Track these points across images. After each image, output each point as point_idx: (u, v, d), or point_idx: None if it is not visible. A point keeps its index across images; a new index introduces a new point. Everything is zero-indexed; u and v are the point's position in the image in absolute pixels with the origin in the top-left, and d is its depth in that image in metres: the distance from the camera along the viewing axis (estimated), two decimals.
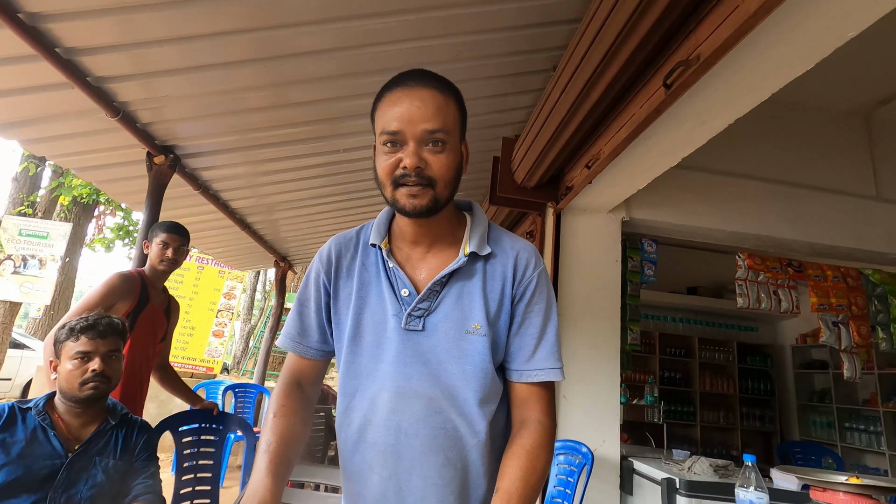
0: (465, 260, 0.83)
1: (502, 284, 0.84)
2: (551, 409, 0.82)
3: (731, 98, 1.65)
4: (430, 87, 0.79)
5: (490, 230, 0.89)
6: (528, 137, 2.49)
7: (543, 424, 0.80)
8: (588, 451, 2.19)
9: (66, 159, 2.80)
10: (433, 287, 0.81)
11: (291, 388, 0.87)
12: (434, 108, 0.77)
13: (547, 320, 0.84)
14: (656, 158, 2.14)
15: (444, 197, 0.80)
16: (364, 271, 0.86)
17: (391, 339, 0.81)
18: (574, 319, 2.69)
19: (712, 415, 5.31)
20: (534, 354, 0.82)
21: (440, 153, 0.78)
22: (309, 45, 2.17)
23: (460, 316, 0.81)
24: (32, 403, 1.38)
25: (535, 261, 0.87)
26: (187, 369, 6.63)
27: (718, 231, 2.89)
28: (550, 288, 0.87)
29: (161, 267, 2.21)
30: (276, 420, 0.81)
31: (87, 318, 1.48)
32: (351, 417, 0.82)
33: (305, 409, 0.86)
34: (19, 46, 1.83)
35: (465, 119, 0.86)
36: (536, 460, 0.75)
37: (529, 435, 0.78)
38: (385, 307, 0.82)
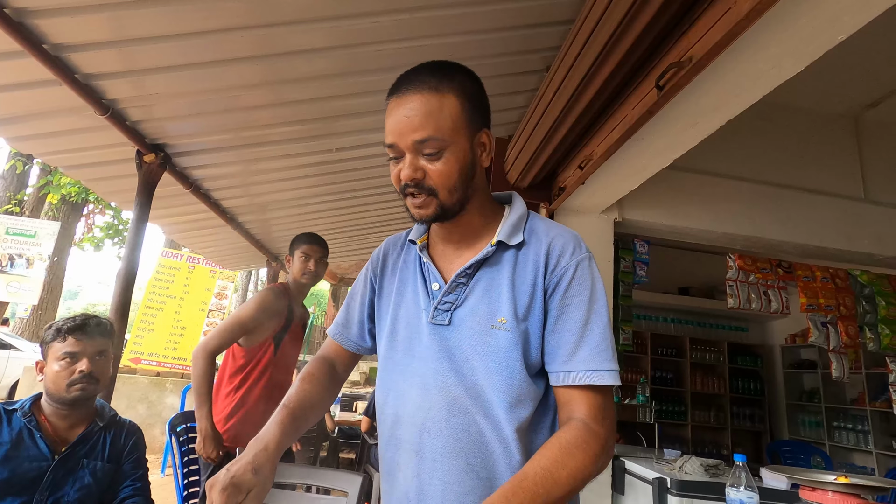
0: (492, 250, 0.78)
1: (534, 275, 0.77)
2: (603, 416, 0.71)
3: (722, 100, 1.66)
4: (420, 92, 0.74)
5: (529, 219, 0.84)
6: (521, 138, 2.50)
7: (588, 426, 0.70)
8: None
9: (54, 157, 2.76)
10: (458, 279, 0.79)
11: (324, 361, 0.90)
12: (423, 116, 0.73)
13: (590, 314, 0.74)
14: (649, 159, 2.15)
15: (452, 202, 0.76)
16: (405, 268, 0.87)
17: (422, 333, 0.79)
18: None
19: (703, 414, 5.35)
20: (574, 354, 0.73)
21: (436, 161, 0.74)
22: (302, 43, 2.16)
23: (486, 310, 0.76)
24: (18, 405, 1.36)
25: (574, 248, 0.78)
26: (178, 369, 6.57)
27: (710, 232, 2.91)
28: (596, 278, 0.78)
29: (304, 280, 2.19)
30: (300, 383, 0.84)
31: (75, 319, 1.46)
32: (385, 413, 0.81)
33: (332, 382, 0.89)
34: (5, 42, 1.80)
35: (478, 109, 0.79)
36: (569, 457, 0.66)
37: (569, 430, 0.69)
38: (418, 302, 0.81)
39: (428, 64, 0.78)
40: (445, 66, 0.78)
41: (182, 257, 7.27)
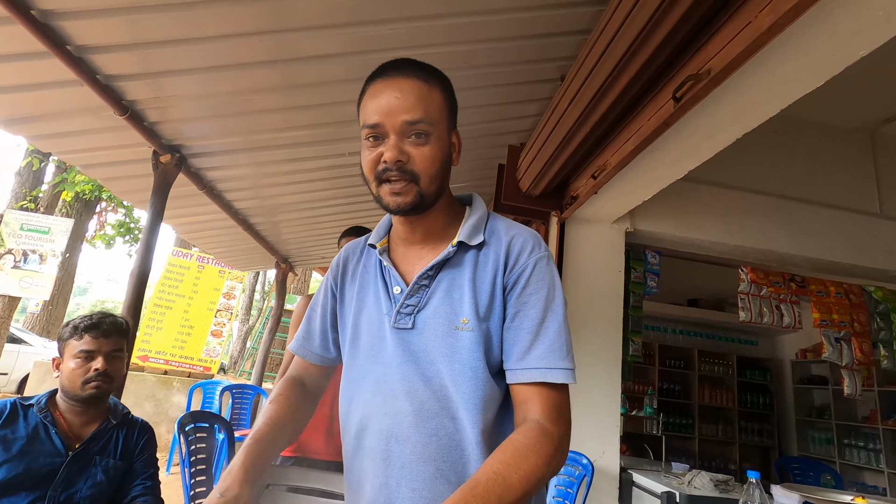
0: (452, 251, 0.77)
1: (493, 274, 0.76)
2: (557, 415, 0.69)
3: (739, 113, 1.66)
4: (412, 76, 0.75)
5: (489, 220, 0.83)
6: (534, 146, 2.50)
7: (542, 426, 0.68)
8: (588, 463, 2.18)
9: (73, 156, 2.81)
10: (419, 281, 0.77)
11: (292, 380, 0.89)
12: (415, 98, 0.73)
13: (547, 312, 0.73)
14: (663, 170, 2.14)
15: (431, 192, 0.76)
16: (365, 273, 0.85)
17: (386, 338, 0.77)
18: (575, 329, 2.69)
19: (711, 428, 5.30)
20: (529, 351, 0.72)
21: (423, 145, 0.73)
22: (316, 48, 2.18)
23: (449, 311, 0.75)
24: (34, 400, 1.37)
25: (533, 246, 0.77)
26: (185, 368, 6.60)
27: (721, 244, 2.89)
28: (555, 277, 0.77)
29: None
30: (269, 406, 0.83)
31: (91, 317, 1.47)
32: (349, 423, 0.80)
33: (303, 400, 0.87)
34: (31, 43, 1.83)
35: (454, 108, 0.81)
36: (522, 459, 0.64)
37: (522, 432, 0.67)
38: (380, 307, 0.79)
39: (409, 60, 0.79)
40: (426, 65, 0.80)
41: (192, 257, 7.32)
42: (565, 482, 2.22)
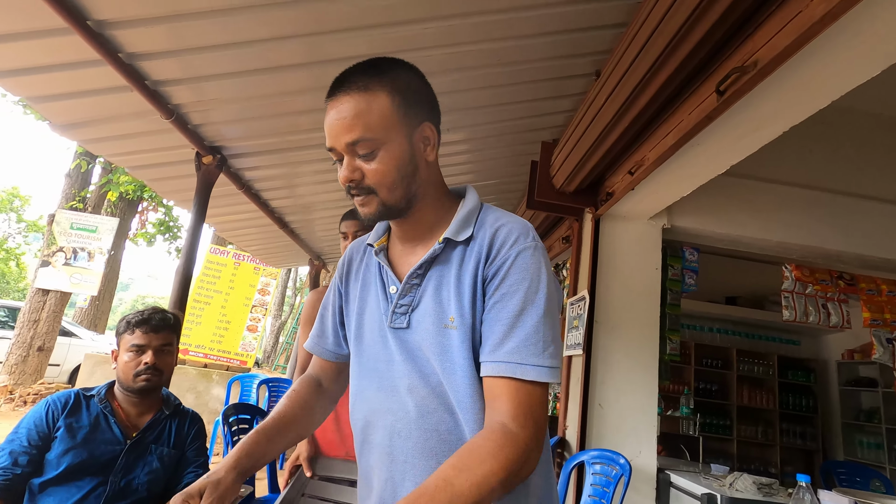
0: (439, 248, 0.76)
1: (475, 268, 0.74)
2: (526, 415, 0.65)
3: (786, 106, 1.60)
4: (349, 91, 0.72)
5: (481, 212, 0.80)
6: (568, 142, 2.48)
7: (504, 428, 0.63)
8: (626, 463, 2.15)
9: (122, 158, 2.94)
10: (410, 280, 0.77)
11: (307, 378, 0.91)
12: (352, 116, 0.71)
13: (527, 305, 0.69)
14: (703, 166, 2.09)
15: (394, 200, 0.75)
16: (367, 272, 0.86)
17: (386, 337, 0.78)
18: (611, 327, 2.65)
19: (750, 429, 5.14)
20: (502, 343, 0.68)
21: (371, 160, 0.72)
22: (350, 50, 2.21)
23: (438, 309, 0.74)
24: (95, 391, 1.45)
25: (518, 237, 0.73)
26: (222, 362, 6.83)
27: (763, 241, 2.80)
28: (541, 269, 0.72)
29: None
30: (281, 401, 0.85)
31: (143, 313, 1.54)
32: (356, 420, 0.81)
33: (317, 398, 0.89)
34: (87, 52, 1.93)
35: (413, 105, 0.75)
36: (476, 464, 0.59)
37: (483, 433, 0.64)
38: (380, 306, 0.80)
39: (362, 62, 0.76)
40: (378, 63, 0.76)
41: (228, 254, 7.55)
42: (602, 481, 2.20)
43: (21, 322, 7.26)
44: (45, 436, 1.33)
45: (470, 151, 3.48)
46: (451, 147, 3.33)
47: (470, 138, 3.25)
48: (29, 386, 7.00)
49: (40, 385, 7.06)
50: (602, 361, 2.60)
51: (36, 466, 1.30)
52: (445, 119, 2.95)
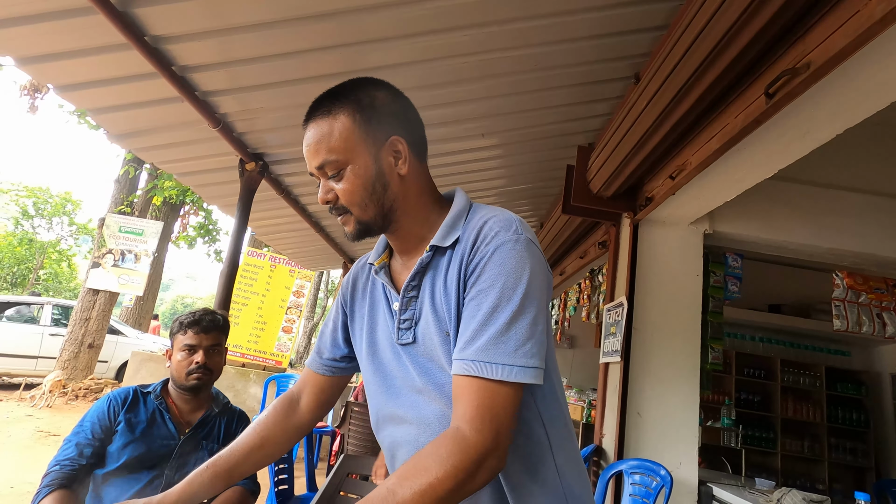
0: (427, 257, 0.74)
1: (458, 269, 0.71)
2: (484, 418, 0.60)
3: (840, 108, 1.55)
4: (314, 118, 0.75)
5: (470, 212, 0.77)
6: (607, 146, 2.45)
7: (458, 432, 0.60)
8: (667, 474, 2.10)
9: (171, 165, 3.08)
10: (406, 294, 0.76)
11: (283, 402, 0.91)
12: (316, 141, 0.74)
13: (501, 301, 0.64)
14: (749, 170, 2.03)
15: (368, 217, 0.76)
16: (374, 290, 0.85)
17: (398, 353, 0.77)
18: (650, 335, 2.60)
19: (795, 443, 4.91)
20: (472, 341, 0.64)
21: (338, 181, 0.74)
22: (388, 59, 2.26)
23: (436, 320, 0.72)
24: (151, 388, 1.53)
25: (499, 231, 0.69)
26: (259, 362, 7.02)
27: (812, 247, 2.69)
28: (521, 263, 0.67)
29: None
30: (248, 429, 0.87)
31: (194, 314, 1.61)
32: (382, 436, 0.81)
33: (285, 426, 0.89)
34: (143, 65, 2.04)
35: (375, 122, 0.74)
36: (421, 472, 0.57)
37: (433, 442, 0.60)
38: (388, 323, 0.80)
39: (329, 89, 0.78)
40: (344, 86, 0.77)
41: (265, 257, 7.77)
42: (641, 492, 2.16)
43: (73, 320, 7.66)
44: (107, 429, 1.40)
45: (503, 156, 3.48)
46: (483, 152, 3.34)
47: (504, 143, 3.25)
48: (80, 381, 7.37)
49: (90, 380, 7.43)
50: (641, 369, 2.55)
51: (99, 458, 1.37)
52: (479, 124, 2.96)
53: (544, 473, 0.72)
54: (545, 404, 0.74)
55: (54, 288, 18.07)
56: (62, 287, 18.52)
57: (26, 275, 16.85)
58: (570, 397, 4.15)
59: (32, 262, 16.84)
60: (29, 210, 16.50)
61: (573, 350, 5.81)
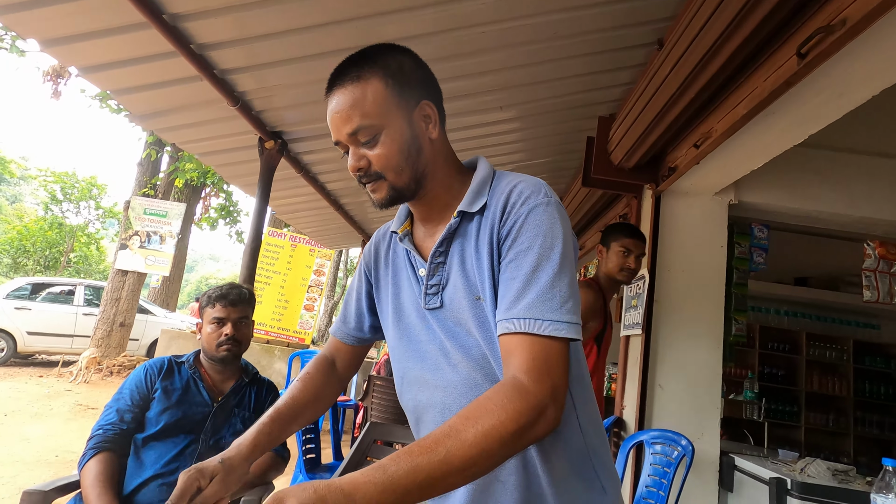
0: (455, 222, 0.76)
1: (490, 234, 0.72)
2: (540, 371, 0.62)
3: (878, 68, 1.47)
4: (343, 84, 0.74)
5: (495, 179, 0.78)
6: (628, 116, 2.39)
7: (517, 382, 0.61)
8: (688, 444, 2.11)
9: (192, 145, 3.12)
10: (433, 260, 0.77)
11: (322, 360, 0.93)
12: (348, 107, 0.73)
13: (541, 261, 0.67)
14: (777, 136, 1.96)
15: (403, 182, 0.75)
16: (396, 258, 0.86)
17: (425, 318, 0.78)
18: (672, 307, 2.58)
19: (820, 417, 4.87)
20: (517, 301, 0.66)
21: (374, 146, 0.73)
22: (404, 31, 2.22)
23: (466, 284, 0.74)
24: (184, 358, 1.59)
25: (530, 195, 0.71)
26: (283, 339, 7.19)
27: (844, 216, 2.61)
28: (555, 225, 0.69)
29: (620, 276, 1.99)
30: (295, 383, 0.88)
31: (221, 288, 1.66)
32: (406, 399, 0.83)
33: (329, 381, 0.91)
34: (162, 44, 2.05)
35: (407, 86, 0.75)
36: (485, 415, 0.58)
37: (495, 388, 0.62)
38: (414, 290, 0.81)
39: (353, 54, 0.77)
40: (368, 52, 0.76)
41: (285, 236, 7.88)
42: (662, 461, 2.18)
43: (104, 300, 7.94)
44: (145, 396, 1.47)
45: (522, 129, 3.43)
46: (502, 125, 3.29)
47: (522, 115, 3.20)
48: (114, 358, 7.68)
49: (123, 357, 7.73)
50: (662, 341, 2.54)
51: (138, 423, 1.44)
52: (497, 97, 2.92)
53: (568, 432, 0.73)
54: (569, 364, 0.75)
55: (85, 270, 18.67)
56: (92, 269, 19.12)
57: (58, 258, 17.43)
58: None
59: (63, 245, 17.39)
60: (57, 195, 16.97)
61: None
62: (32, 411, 5.14)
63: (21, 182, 26.38)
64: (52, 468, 3.55)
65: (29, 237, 16.98)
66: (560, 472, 0.71)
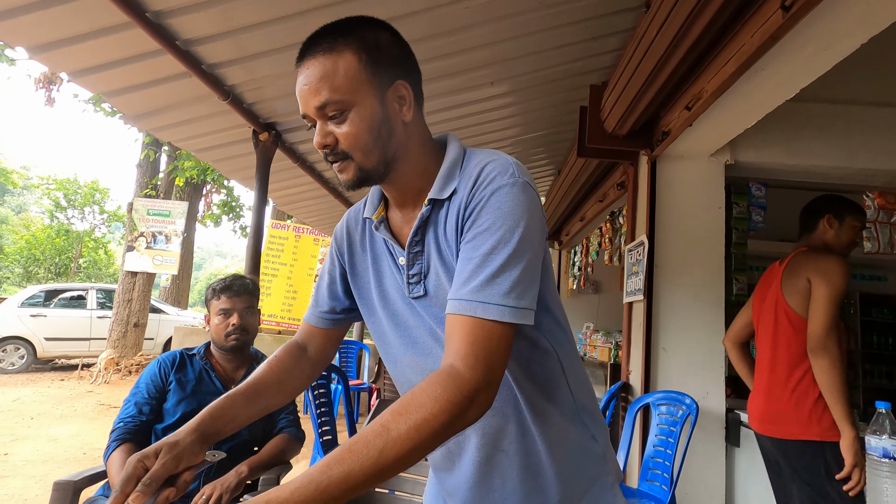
0: (427, 211, 0.73)
1: (458, 215, 0.71)
2: (477, 356, 0.61)
3: (864, 15, 1.46)
4: (313, 55, 0.70)
5: (465, 160, 0.75)
6: (619, 82, 2.38)
7: (452, 369, 0.60)
8: (692, 402, 2.15)
9: (187, 143, 3.14)
10: (410, 250, 0.75)
11: (292, 345, 0.89)
12: (317, 80, 0.68)
13: (498, 244, 0.65)
14: (769, 92, 1.95)
15: (371, 164, 0.72)
16: (374, 243, 0.83)
17: (411, 305, 0.77)
18: (673, 271, 2.60)
19: None
20: (468, 282, 0.64)
21: (341, 123, 0.69)
22: (391, 11, 2.21)
23: (446, 271, 0.72)
24: (195, 350, 1.64)
25: (498, 175, 0.69)
26: (294, 329, 7.29)
27: (842, 169, 2.60)
28: (518, 207, 0.67)
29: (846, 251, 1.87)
30: (260, 367, 0.84)
31: (225, 280, 1.70)
32: (400, 383, 0.83)
33: (298, 365, 0.87)
34: (148, 43, 2.06)
35: (383, 63, 0.71)
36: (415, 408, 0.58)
37: (429, 377, 0.61)
38: (396, 277, 0.79)
39: (328, 24, 0.72)
40: (344, 23, 0.72)
41: (289, 228, 7.92)
42: (668, 421, 2.23)
43: (117, 302, 8.07)
44: (161, 388, 1.53)
45: (515, 104, 3.41)
46: (495, 101, 3.28)
47: (514, 90, 3.18)
48: (131, 358, 7.84)
49: (140, 357, 7.89)
50: (665, 305, 2.57)
51: (156, 414, 1.50)
52: (487, 72, 2.90)
53: (561, 396, 0.76)
54: (553, 335, 0.77)
55: (95, 275, 18.90)
56: (102, 273, 19.35)
57: (68, 264, 17.64)
58: (597, 340, 4.21)
59: (71, 251, 17.59)
60: (61, 202, 17.09)
61: (598, 295, 5.84)
62: (58, 413, 5.29)
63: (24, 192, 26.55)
64: (81, 465, 3.68)
65: (38, 246, 17.18)
66: (556, 433, 0.75)
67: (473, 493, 0.77)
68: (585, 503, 0.77)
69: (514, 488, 0.75)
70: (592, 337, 4.37)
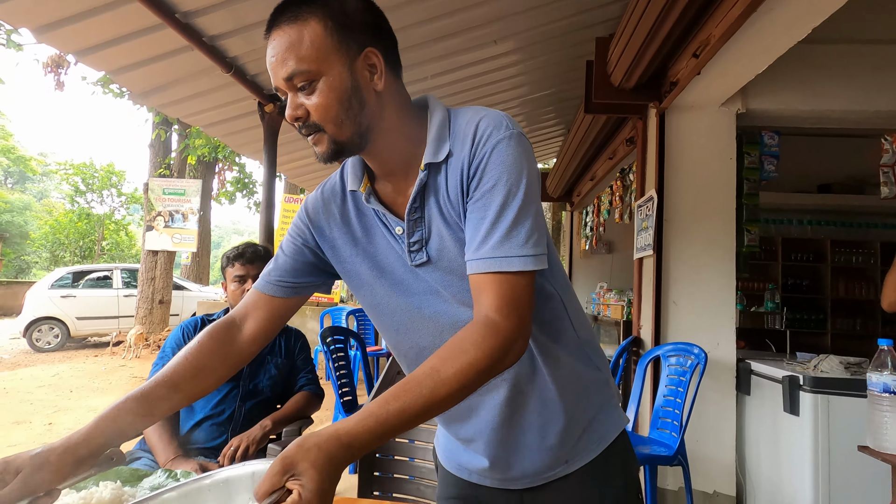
0: (425, 176, 0.73)
1: (460, 178, 0.71)
2: (510, 307, 0.66)
3: None
4: (279, 25, 0.68)
5: (451, 120, 0.75)
6: (624, 33, 2.31)
7: (488, 319, 0.65)
8: (701, 352, 2.19)
9: (194, 118, 3.17)
10: (410, 218, 0.75)
11: (221, 326, 0.82)
12: (284, 50, 0.67)
13: (508, 198, 0.67)
14: (778, 34, 1.89)
15: (345, 136, 0.70)
16: (364, 217, 0.81)
17: (414, 273, 0.77)
18: (683, 224, 2.59)
19: (846, 322, 4.87)
20: (485, 241, 0.67)
21: (310, 95, 0.68)
22: None
23: (452, 235, 0.73)
24: (216, 316, 1.72)
25: (493, 130, 0.70)
26: (313, 299, 7.47)
27: (859, 112, 2.52)
28: (518, 159, 0.69)
29: None
30: (177, 355, 0.79)
31: (238, 248, 1.77)
32: (405, 349, 0.84)
33: (221, 352, 0.81)
34: (148, 17, 2.07)
35: (354, 28, 0.69)
36: (460, 353, 0.62)
37: (468, 327, 0.65)
38: (393, 247, 0.78)
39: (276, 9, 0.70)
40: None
41: (301, 201, 8.00)
42: (677, 371, 2.27)
43: (141, 281, 8.33)
44: None
45: (521, 62, 3.35)
46: (500, 60, 3.22)
47: (520, 47, 3.12)
48: (159, 333, 8.14)
49: (167, 332, 8.18)
50: (675, 259, 2.58)
51: None
52: (490, 30, 2.84)
53: (566, 336, 0.81)
54: (555, 278, 0.80)
55: (118, 256, 19.41)
56: (125, 254, 19.85)
57: (91, 247, 18.13)
58: (610, 299, 4.24)
59: (94, 234, 18.03)
60: (80, 186, 17.42)
61: (612, 255, 5.84)
62: (94, 386, 5.58)
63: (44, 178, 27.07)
64: None
65: (62, 230, 17.65)
66: (564, 369, 0.80)
67: (497, 434, 0.81)
68: (597, 425, 0.83)
69: (532, 422, 0.81)
70: (606, 296, 4.40)
